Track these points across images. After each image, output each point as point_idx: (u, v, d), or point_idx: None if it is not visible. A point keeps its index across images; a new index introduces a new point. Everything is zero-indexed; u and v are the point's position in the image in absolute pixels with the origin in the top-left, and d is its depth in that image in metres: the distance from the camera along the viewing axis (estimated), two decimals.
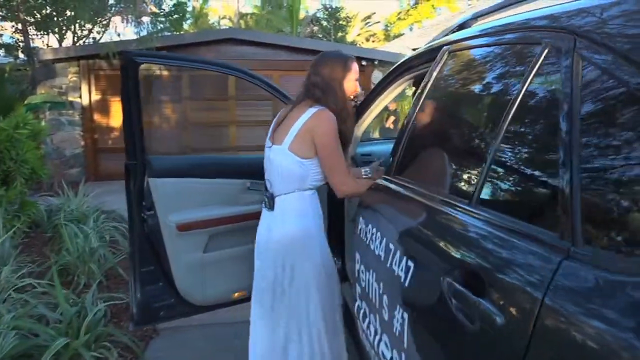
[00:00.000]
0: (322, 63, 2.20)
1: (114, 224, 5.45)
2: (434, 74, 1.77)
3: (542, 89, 1.14)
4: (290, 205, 2.15)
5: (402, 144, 1.81)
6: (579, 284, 0.79)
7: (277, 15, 23.25)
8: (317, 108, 2.09)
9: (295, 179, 2.12)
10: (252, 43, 10.33)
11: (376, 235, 1.67)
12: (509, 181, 1.20)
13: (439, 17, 22.89)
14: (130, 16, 8.98)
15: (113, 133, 10.31)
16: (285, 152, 2.09)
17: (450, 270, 1.14)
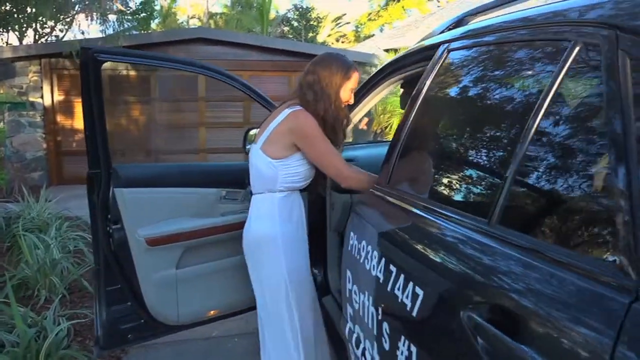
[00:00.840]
0: (323, 64, 2.07)
1: (78, 232, 5.14)
2: (432, 74, 1.62)
3: (576, 93, 0.99)
4: (259, 206, 2.11)
5: (398, 151, 1.65)
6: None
7: (248, 15, 22.95)
8: (293, 108, 2.02)
9: (265, 180, 2.06)
10: (222, 43, 10.06)
11: (372, 254, 1.50)
12: (539, 199, 1.05)
13: (410, 18, 22.96)
14: (95, 14, 8.60)
15: (77, 135, 9.89)
16: (258, 151, 2.05)
17: (473, 303, 0.98)
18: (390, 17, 27.22)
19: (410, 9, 26.99)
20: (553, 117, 1.02)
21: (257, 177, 2.09)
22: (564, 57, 1.01)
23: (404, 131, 1.65)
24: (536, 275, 0.88)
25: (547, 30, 1.12)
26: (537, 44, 1.17)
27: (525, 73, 1.20)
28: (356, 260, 1.63)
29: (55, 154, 9.75)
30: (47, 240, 4.33)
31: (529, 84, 1.15)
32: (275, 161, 2.01)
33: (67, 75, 9.65)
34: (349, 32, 29.24)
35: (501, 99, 1.27)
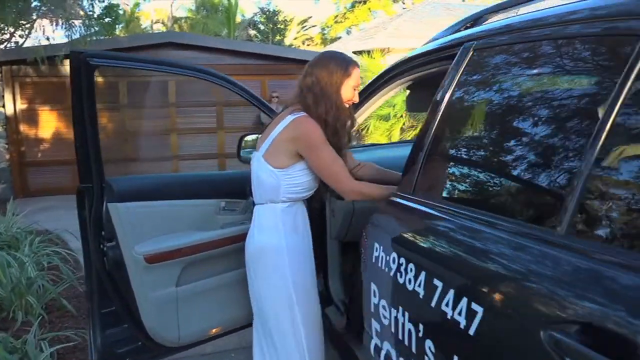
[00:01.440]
0: (321, 64, 1.97)
1: (51, 247, 4.88)
2: (457, 75, 1.54)
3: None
4: (262, 217, 2.02)
5: (423, 157, 1.56)
6: None
7: (214, 19, 22.66)
8: (295, 115, 1.91)
9: (268, 190, 1.97)
10: (192, 47, 9.85)
11: (406, 267, 1.40)
12: (614, 205, 0.97)
13: (377, 20, 23.11)
14: (60, 19, 8.26)
15: (42, 145, 9.51)
16: (260, 159, 1.96)
17: (557, 322, 0.89)
18: (357, 19, 27.36)
19: (376, 11, 27.19)
20: (627, 117, 0.95)
21: (259, 186, 1.99)
22: (636, 52, 0.94)
23: (429, 135, 1.56)
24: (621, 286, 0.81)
25: (615, 25, 1.04)
26: (593, 39, 1.09)
27: (587, 70, 1.13)
28: (384, 273, 1.53)
29: (19, 165, 9.34)
30: (20, 257, 4.08)
31: (594, 81, 1.08)
32: (277, 170, 1.92)
33: (30, 82, 9.27)
34: (316, 35, 29.24)
35: (562, 97, 1.19)
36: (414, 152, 1.62)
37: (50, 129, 9.50)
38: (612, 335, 0.80)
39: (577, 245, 0.95)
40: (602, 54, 1.10)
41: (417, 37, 13.99)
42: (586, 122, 1.04)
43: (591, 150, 0.97)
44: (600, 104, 1.00)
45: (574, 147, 1.06)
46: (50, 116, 9.47)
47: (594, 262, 0.91)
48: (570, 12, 1.22)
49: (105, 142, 9.43)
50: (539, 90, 1.27)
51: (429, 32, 11.44)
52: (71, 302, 3.91)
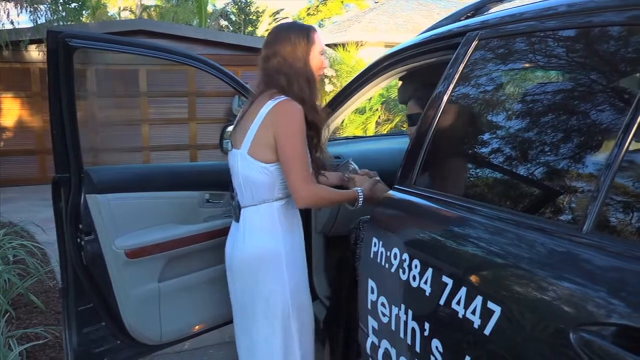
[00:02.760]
0: (281, 40, 1.77)
1: (17, 240, 4.66)
2: (461, 65, 1.49)
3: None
4: (257, 219, 1.82)
5: (424, 149, 1.51)
6: None
7: (184, 8, 22.15)
8: (277, 99, 1.72)
9: (262, 189, 1.78)
10: (164, 35, 9.58)
11: (410, 263, 1.35)
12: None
13: (350, 13, 23.06)
14: (25, 2, 7.91)
15: (6, 133, 9.13)
16: (246, 157, 1.76)
17: (587, 323, 0.85)
18: (330, 12, 27.22)
19: (349, 4, 27.11)
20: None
21: (250, 187, 1.79)
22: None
23: (431, 126, 1.51)
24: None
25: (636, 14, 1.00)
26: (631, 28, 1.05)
27: (610, 61, 1.09)
28: (384, 269, 1.47)
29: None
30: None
31: (620, 73, 1.04)
32: (269, 165, 1.74)
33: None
34: None
35: (580, 90, 1.15)
36: (414, 144, 1.57)
37: (14, 117, 9.13)
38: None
39: (598, 242, 0.91)
40: (626, 44, 1.06)
41: (390, 31, 14.04)
42: (608, 115, 1.00)
43: (614, 144, 0.93)
44: (623, 97, 0.96)
45: (599, 143, 1.02)
46: (14, 104, 9.10)
47: (620, 260, 0.87)
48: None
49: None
50: (554, 81, 1.23)
51: (403, 26, 11.44)
52: (39, 297, 3.75)
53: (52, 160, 1.91)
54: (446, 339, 1.21)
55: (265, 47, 1.81)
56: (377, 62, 2.11)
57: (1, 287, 3.58)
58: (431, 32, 1.83)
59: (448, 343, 1.20)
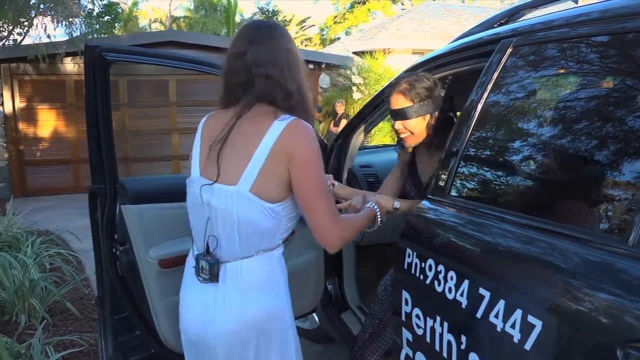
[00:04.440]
0: (273, 38, 1.38)
1: (53, 248, 4.79)
2: (495, 72, 1.46)
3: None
4: (253, 275, 1.40)
5: (459, 157, 1.49)
6: None
7: (213, 19, 22.57)
8: (285, 119, 1.34)
9: (264, 236, 1.38)
10: (193, 46, 9.76)
11: (446, 275, 1.33)
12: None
13: (376, 20, 23.07)
14: (60, 17, 8.17)
15: (42, 144, 9.42)
16: (247, 197, 1.33)
17: (636, 340, 0.82)
18: (356, 20, 27.33)
19: (375, 12, 27.16)
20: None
21: (250, 234, 1.37)
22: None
23: (465, 136, 1.49)
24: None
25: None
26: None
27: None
28: (419, 280, 1.46)
29: (18, 164, 9.25)
30: (22, 258, 3.98)
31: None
32: (277, 206, 1.35)
33: (30, 80, 9.19)
34: (314, 35, 29.18)
35: (621, 96, 1.12)
36: (447, 154, 1.55)
37: (50, 128, 9.42)
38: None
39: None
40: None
41: (418, 38, 13.99)
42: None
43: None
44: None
45: (635, 149, 0.99)
46: (50, 114, 9.39)
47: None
48: (624, 6, 1.16)
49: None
50: (593, 88, 1.20)
51: (430, 32, 11.38)
52: (75, 304, 3.83)
53: (86, 170, 1.96)
54: (484, 353, 1.18)
55: (258, 46, 1.36)
56: (407, 71, 2.09)
57: (38, 294, 3.67)
58: (463, 39, 1.82)
59: (486, 357, 1.18)
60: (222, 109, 1.45)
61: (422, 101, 1.89)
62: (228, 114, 1.40)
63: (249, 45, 1.36)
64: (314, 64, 10.82)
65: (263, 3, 29.02)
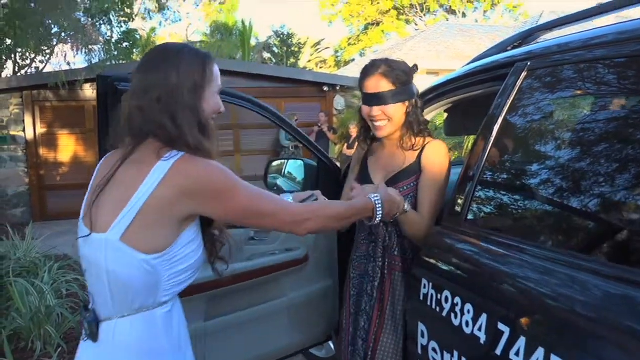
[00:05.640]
0: (165, 66, 1.23)
1: (70, 274, 4.80)
2: (510, 96, 1.43)
3: None
4: (126, 338, 1.22)
5: (475, 182, 1.45)
6: None
7: (228, 43, 22.94)
8: (173, 157, 1.18)
9: (138, 292, 1.20)
10: None
11: (462, 307, 1.28)
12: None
13: (390, 42, 23.23)
14: (80, 44, 8.36)
15: (62, 169, 9.55)
16: (116, 245, 1.16)
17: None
18: (370, 42, 27.55)
19: (389, 33, 27.36)
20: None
21: (121, 289, 1.19)
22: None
23: (481, 162, 1.45)
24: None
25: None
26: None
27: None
28: (435, 312, 1.41)
29: (39, 189, 9.38)
30: (39, 285, 3.99)
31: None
32: (153, 257, 1.17)
33: (50, 107, 9.37)
34: (329, 57, 29.43)
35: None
36: (463, 180, 1.51)
37: (69, 153, 9.56)
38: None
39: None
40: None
41: (432, 58, 14.01)
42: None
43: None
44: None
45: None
46: (69, 140, 9.54)
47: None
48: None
49: None
50: (613, 112, 1.16)
51: (444, 53, 11.42)
52: None
53: None
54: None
55: (139, 75, 1.24)
56: (422, 95, 2.07)
57: (54, 321, 3.67)
58: (477, 63, 1.79)
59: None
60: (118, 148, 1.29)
61: (404, 85, 1.75)
62: (117, 154, 1.26)
63: (134, 74, 1.26)
64: (328, 86, 10.87)
65: (278, 26, 29.46)
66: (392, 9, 26.20)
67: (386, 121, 1.77)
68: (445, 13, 26.40)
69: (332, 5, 27.69)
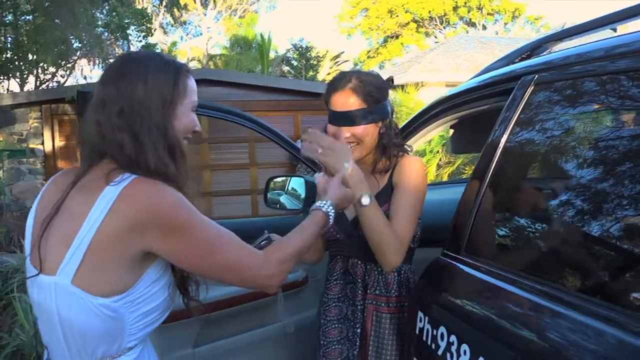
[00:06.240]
0: (130, 77, 1.09)
1: None
2: (515, 112, 1.31)
3: None
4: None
5: (477, 206, 1.32)
6: None
7: (247, 56, 23.14)
8: (123, 181, 1.03)
9: (98, 341, 1.05)
10: (226, 83, 9.91)
11: (459, 348, 1.15)
12: None
13: (409, 54, 23.12)
14: (98, 59, 8.46)
15: None
16: (68, 290, 1.01)
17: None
18: (390, 54, 27.51)
19: (408, 45, 27.28)
20: None
21: (75, 340, 1.03)
22: None
23: (483, 184, 1.32)
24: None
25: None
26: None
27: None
28: (432, 350, 1.28)
29: None
30: None
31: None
32: (113, 300, 1.02)
33: (68, 120, 9.47)
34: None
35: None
36: (464, 204, 1.38)
37: None
38: None
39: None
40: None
41: (451, 70, 13.87)
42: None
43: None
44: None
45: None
46: None
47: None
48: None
49: None
50: (631, 130, 1.03)
51: (464, 65, 11.32)
52: None
53: None
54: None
55: (100, 86, 1.11)
56: (425, 110, 1.96)
57: None
58: (482, 76, 1.67)
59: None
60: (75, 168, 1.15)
61: (377, 103, 1.51)
62: (69, 175, 1.11)
63: (97, 86, 1.12)
64: None
65: (297, 39, 29.62)
66: (411, 22, 26.13)
67: (355, 144, 1.53)
68: (465, 25, 26.24)
69: (351, 18, 27.73)
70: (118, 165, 1.05)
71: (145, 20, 12.48)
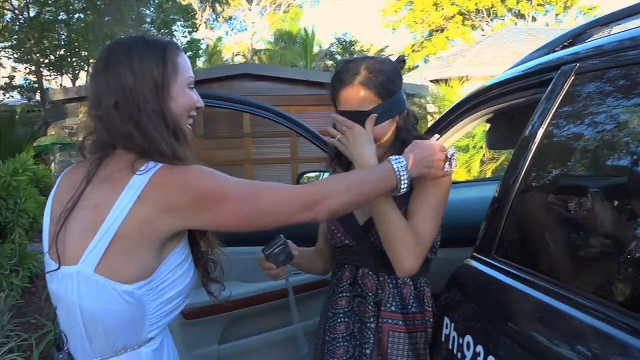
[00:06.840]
0: (116, 64, 1.05)
1: None
2: (554, 105, 1.20)
3: None
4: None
5: (510, 207, 1.22)
6: None
7: (291, 51, 23.20)
8: (150, 170, 1.03)
9: (118, 331, 1.05)
10: (268, 78, 9.96)
11: (485, 358, 1.06)
12: None
13: (455, 48, 22.59)
14: None
15: None
16: (91, 279, 1.01)
17: None
18: (435, 48, 26.95)
19: (454, 39, 26.65)
20: None
21: (96, 330, 1.04)
22: None
23: (518, 181, 1.23)
24: None
25: None
26: None
27: None
28: (456, 359, 1.19)
29: None
30: None
31: None
32: (137, 287, 1.02)
33: None
34: None
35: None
36: (497, 202, 1.29)
37: None
38: None
39: None
40: None
41: (497, 64, 13.41)
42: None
43: None
44: None
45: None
46: None
47: None
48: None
49: None
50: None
51: (511, 58, 10.93)
52: None
53: None
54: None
55: (92, 81, 1.10)
56: (461, 104, 1.85)
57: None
58: (520, 67, 1.55)
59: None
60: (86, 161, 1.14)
61: (392, 95, 1.32)
62: (80, 170, 1.09)
63: (89, 82, 1.08)
64: None
65: (341, 34, 29.48)
66: (457, 15, 25.49)
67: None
68: (514, 17, 25.36)
69: (395, 12, 27.33)
70: (136, 156, 1.05)
71: (191, 16, 12.71)
